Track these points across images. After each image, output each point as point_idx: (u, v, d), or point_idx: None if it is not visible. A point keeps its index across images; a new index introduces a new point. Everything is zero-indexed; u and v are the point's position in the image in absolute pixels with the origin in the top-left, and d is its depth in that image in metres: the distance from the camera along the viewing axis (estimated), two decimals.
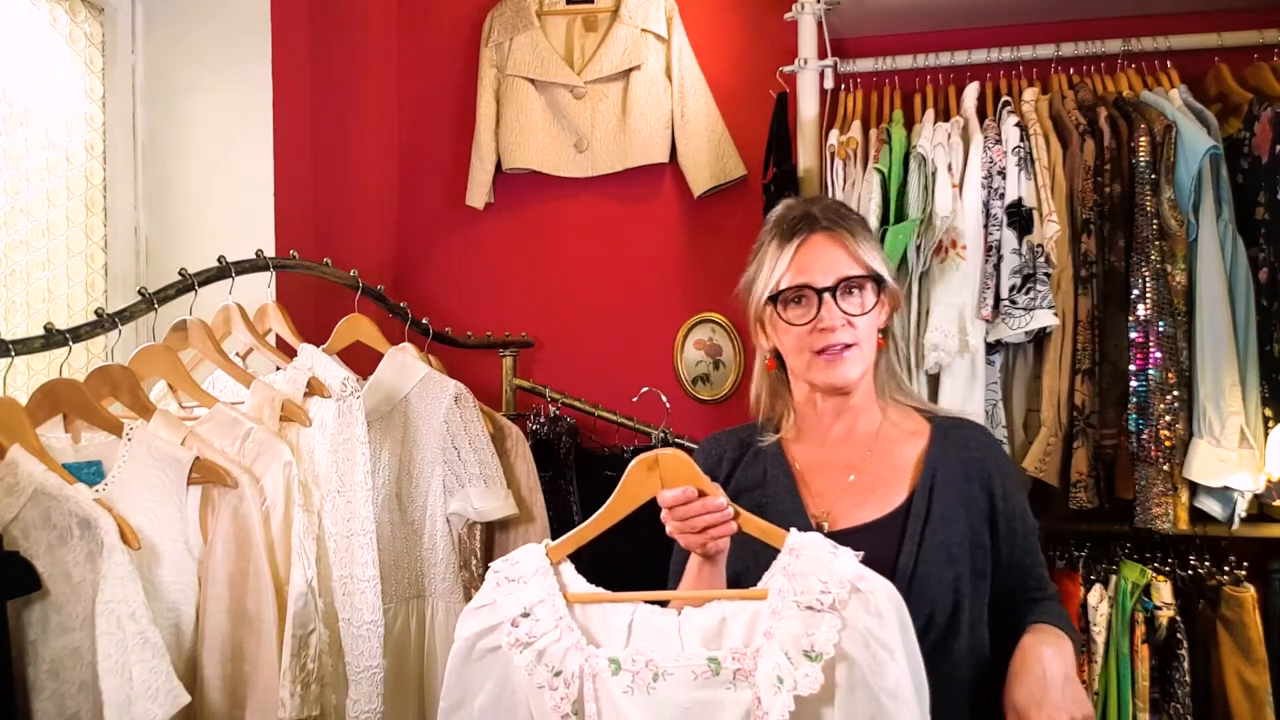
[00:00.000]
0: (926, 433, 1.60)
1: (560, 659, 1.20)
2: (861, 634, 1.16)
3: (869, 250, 1.55)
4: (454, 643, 1.27)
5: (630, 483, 1.32)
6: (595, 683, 1.19)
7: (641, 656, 1.20)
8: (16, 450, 1.54)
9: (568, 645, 1.21)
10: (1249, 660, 2.15)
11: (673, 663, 1.19)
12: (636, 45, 2.83)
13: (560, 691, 1.19)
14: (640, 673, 1.18)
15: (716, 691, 1.17)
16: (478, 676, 1.25)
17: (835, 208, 1.59)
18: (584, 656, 1.20)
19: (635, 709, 1.18)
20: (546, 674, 1.20)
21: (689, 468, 1.32)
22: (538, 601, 1.24)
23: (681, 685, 1.18)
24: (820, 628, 1.16)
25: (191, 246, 2.46)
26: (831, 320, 1.51)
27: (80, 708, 1.48)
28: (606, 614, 1.24)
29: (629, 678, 1.19)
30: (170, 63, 2.54)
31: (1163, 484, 2.14)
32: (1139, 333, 2.13)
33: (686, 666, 1.18)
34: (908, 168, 2.30)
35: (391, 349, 2.21)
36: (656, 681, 1.18)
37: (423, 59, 3.08)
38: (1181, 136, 2.15)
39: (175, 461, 1.67)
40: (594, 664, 1.20)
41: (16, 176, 2.23)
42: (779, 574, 1.22)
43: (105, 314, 1.83)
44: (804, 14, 2.57)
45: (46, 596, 1.50)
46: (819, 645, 1.15)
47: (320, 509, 1.88)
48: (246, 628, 1.71)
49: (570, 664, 1.20)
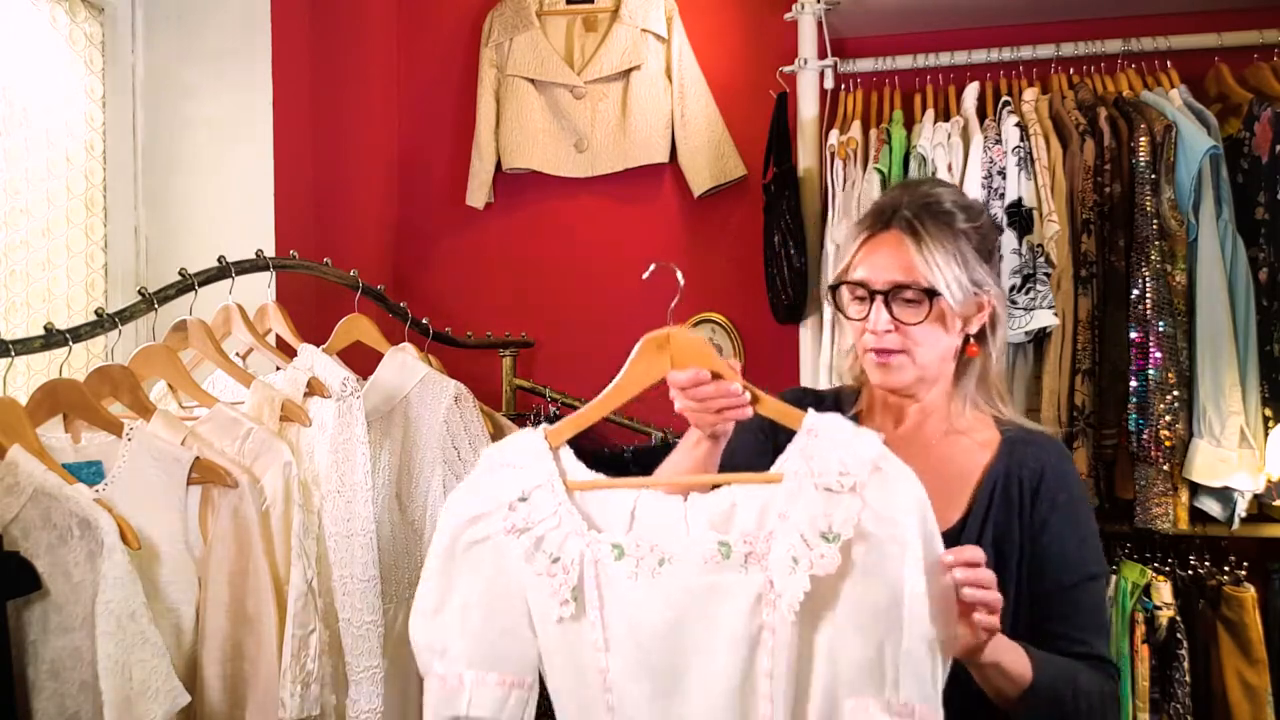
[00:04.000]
0: (994, 445, 1.49)
1: (559, 545, 1.14)
2: (880, 517, 1.10)
3: (940, 257, 1.41)
4: (436, 536, 1.18)
5: (639, 362, 1.23)
6: (597, 568, 1.13)
7: (646, 542, 1.13)
8: (16, 450, 1.54)
9: (568, 531, 1.14)
10: (1249, 660, 2.15)
11: (680, 548, 1.12)
12: (636, 45, 2.83)
13: (559, 579, 1.12)
14: (645, 558, 1.12)
15: (726, 576, 1.11)
16: (463, 572, 1.17)
17: (926, 203, 1.45)
18: (585, 542, 1.14)
19: (640, 594, 1.12)
20: (545, 561, 1.13)
21: (702, 347, 1.23)
22: (535, 486, 1.16)
23: (689, 570, 1.12)
24: (838, 509, 1.09)
25: (191, 246, 2.46)
26: (877, 324, 1.44)
27: (80, 708, 1.48)
28: (608, 500, 1.17)
29: (633, 563, 1.12)
30: (170, 63, 2.54)
31: (1163, 484, 2.14)
32: (1139, 333, 2.13)
33: (695, 551, 1.12)
34: (908, 168, 2.30)
35: (391, 349, 2.21)
36: (662, 566, 1.12)
37: (423, 59, 3.08)
38: (1181, 136, 2.16)
39: (175, 461, 1.67)
40: (596, 550, 1.13)
41: (16, 176, 2.23)
42: (795, 456, 1.14)
43: (105, 314, 1.83)
44: (804, 14, 2.57)
45: (46, 596, 1.49)
46: (837, 526, 1.09)
47: (320, 509, 1.87)
48: (246, 628, 1.71)
49: (570, 550, 1.13)
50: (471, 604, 1.17)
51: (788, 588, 1.08)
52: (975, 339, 1.50)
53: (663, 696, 1.12)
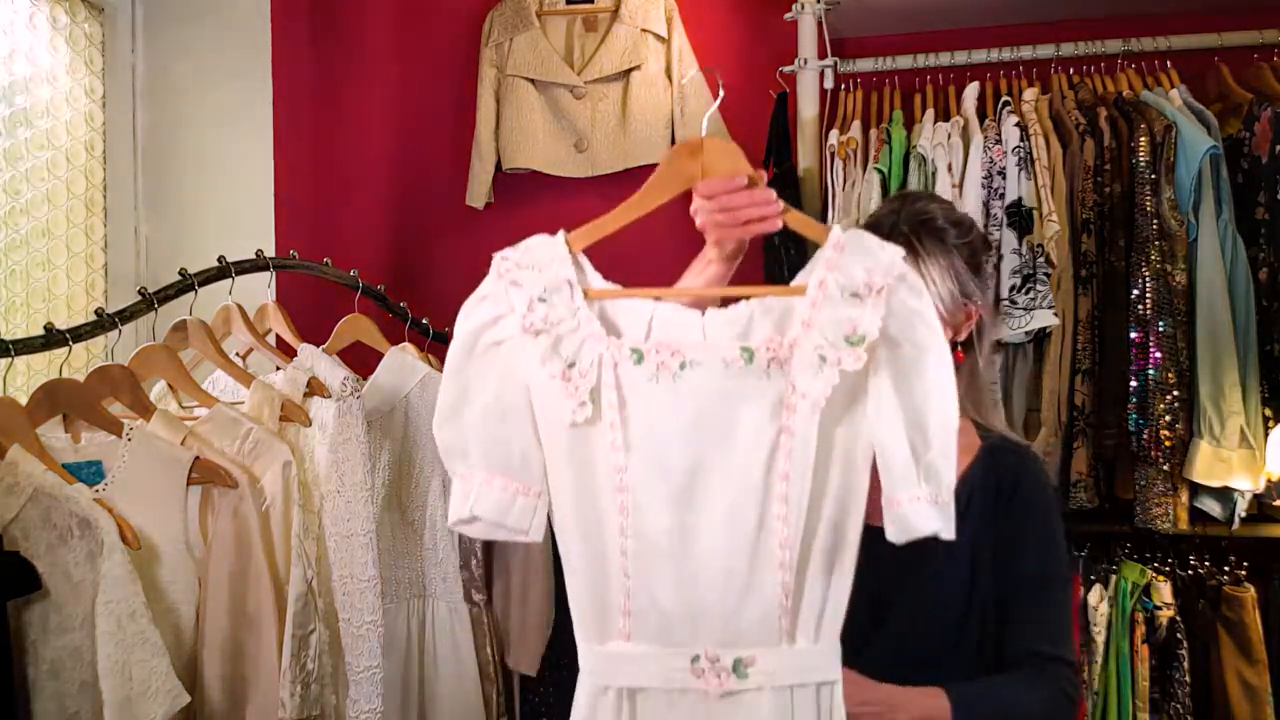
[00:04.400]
0: (974, 450, 1.53)
1: (576, 350, 1.11)
2: (906, 317, 1.10)
3: (936, 272, 1.46)
4: (455, 336, 1.16)
5: (668, 168, 1.21)
6: (616, 372, 1.10)
7: (666, 347, 1.11)
8: (16, 450, 1.54)
9: (585, 335, 1.12)
10: (1249, 660, 2.15)
11: (700, 354, 1.11)
12: (636, 45, 2.82)
13: (575, 381, 1.10)
14: (666, 362, 1.10)
15: (748, 380, 1.10)
16: (479, 375, 1.14)
17: (919, 218, 1.49)
18: (604, 346, 1.11)
19: (660, 396, 1.10)
20: (561, 364, 1.10)
21: (736, 157, 1.20)
22: (554, 289, 1.13)
23: (710, 374, 1.10)
24: (864, 313, 1.09)
25: (191, 246, 2.46)
26: None
27: (80, 708, 1.48)
28: (626, 309, 1.15)
29: (653, 367, 1.10)
30: (170, 62, 2.54)
31: (1163, 484, 2.14)
32: (1139, 333, 2.13)
33: (716, 356, 1.10)
34: (908, 168, 2.30)
35: (392, 349, 2.21)
36: (683, 370, 1.10)
37: (423, 59, 3.08)
38: (1181, 136, 2.16)
39: (175, 462, 1.67)
40: (615, 353, 1.11)
41: (17, 176, 2.23)
42: (820, 267, 1.13)
43: (105, 314, 1.83)
44: (804, 14, 2.56)
45: (47, 596, 1.50)
46: (862, 329, 1.08)
47: (320, 509, 1.88)
48: (246, 628, 1.71)
49: (587, 354, 1.11)
50: (487, 406, 1.13)
51: (812, 388, 1.08)
52: (962, 347, 1.54)
53: (680, 498, 1.10)
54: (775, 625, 1.09)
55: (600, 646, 1.12)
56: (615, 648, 1.11)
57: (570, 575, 1.14)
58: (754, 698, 1.09)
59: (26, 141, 2.26)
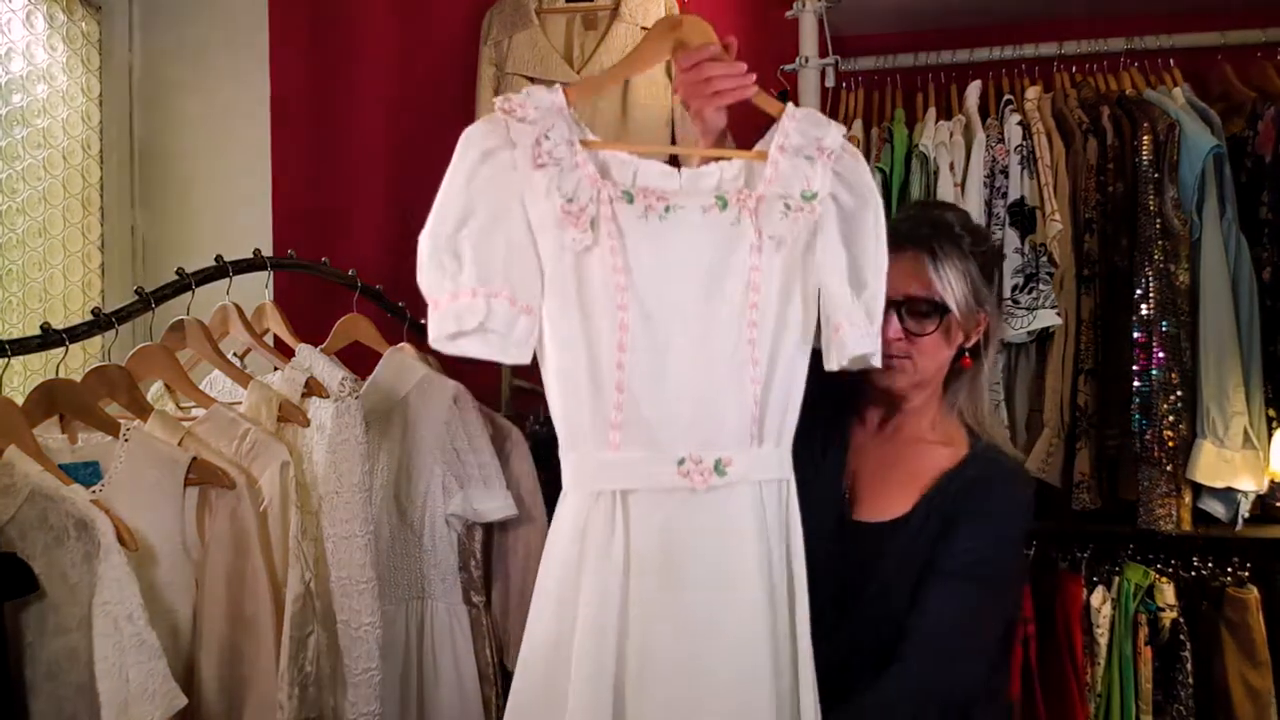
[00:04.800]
0: (960, 454, 1.59)
1: (575, 186, 1.22)
2: (849, 183, 1.32)
3: (950, 276, 1.53)
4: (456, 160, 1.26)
5: (651, 40, 1.37)
6: (612, 207, 1.23)
7: (652, 192, 1.26)
8: (13, 451, 1.53)
9: (583, 174, 1.23)
10: (1253, 662, 2.14)
11: (681, 199, 1.27)
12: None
13: (574, 214, 1.21)
14: (653, 204, 1.24)
15: (723, 226, 1.27)
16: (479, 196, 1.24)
17: (939, 223, 1.58)
18: (599, 185, 1.24)
19: (649, 232, 1.24)
20: (561, 198, 1.21)
21: (709, 33, 1.36)
22: (555, 131, 1.24)
23: (690, 216, 1.26)
24: (816, 172, 1.30)
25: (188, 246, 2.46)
26: (889, 332, 1.52)
27: (77, 710, 1.47)
28: (614, 161, 1.28)
29: (642, 207, 1.24)
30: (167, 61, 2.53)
31: (1166, 485, 2.13)
32: (1142, 333, 2.13)
33: (695, 202, 1.27)
34: (909, 166, 2.29)
35: (390, 349, 2.20)
36: (668, 213, 1.25)
37: (421, 57, 3.07)
38: (1185, 135, 2.15)
39: (172, 462, 1.67)
40: (609, 192, 1.24)
41: (13, 175, 2.22)
42: (778, 135, 1.33)
43: (102, 314, 1.82)
44: (805, 12, 2.56)
45: (43, 598, 1.49)
46: (814, 185, 1.29)
47: (318, 510, 1.87)
48: (244, 630, 1.70)
49: (585, 190, 1.23)
50: (484, 225, 1.22)
51: (776, 231, 1.28)
52: (970, 353, 1.62)
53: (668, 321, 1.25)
54: (747, 432, 1.26)
55: (593, 455, 1.24)
56: (607, 456, 1.23)
57: (563, 394, 1.25)
58: (732, 491, 1.25)
59: (23, 140, 2.25)
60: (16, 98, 2.23)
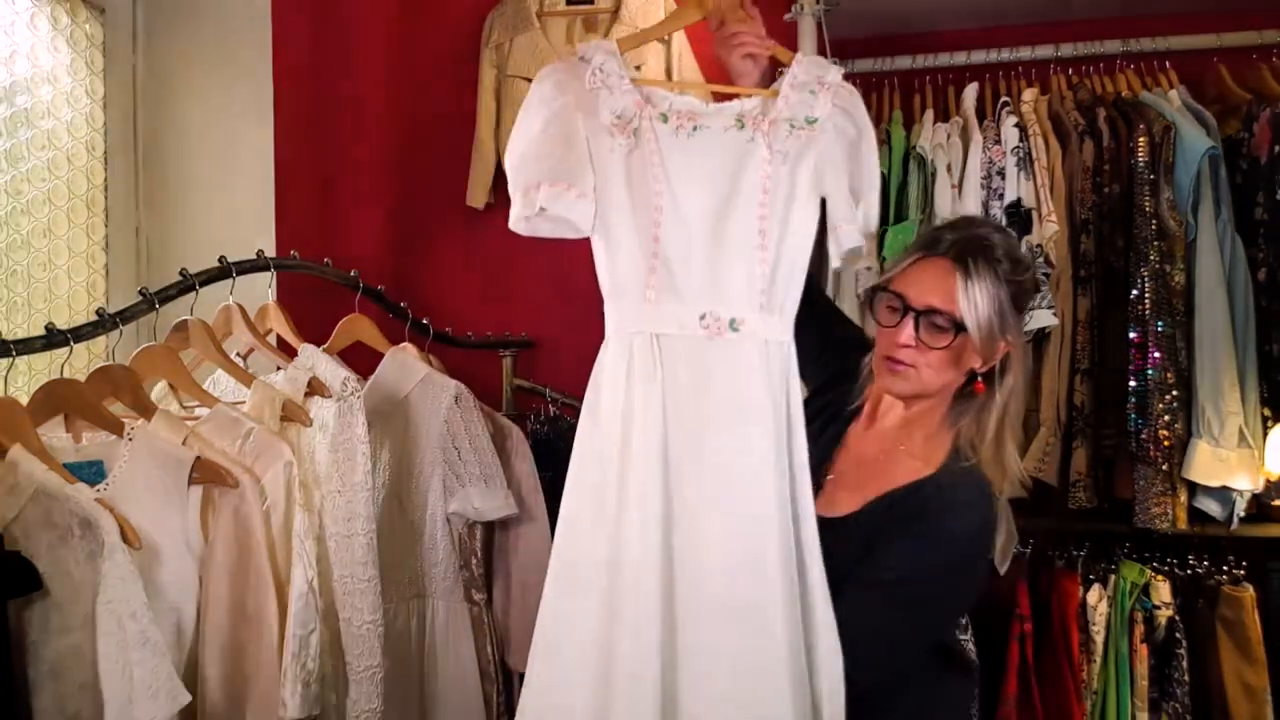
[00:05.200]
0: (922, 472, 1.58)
1: (623, 106, 1.52)
2: (845, 110, 1.56)
3: (978, 297, 1.54)
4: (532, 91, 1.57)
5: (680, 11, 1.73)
6: (651, 123, 1.52)
7: (684, 114, 1.54)
8: (17, 450, 1.54)
9: (630, 99, 1.53)
10: (1248, 660, 2.15)
11: (707, 120, 1.54)
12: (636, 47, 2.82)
13: (623, 125, 1.52)
14: (684, 124, 1.53)
15: (740, 142, 1.52)
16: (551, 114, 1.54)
17: (982, 243, 1.58)
18: (642, 107, 1.53)
19: (681, 143, 1.52)
20: (611, 114, 1.52)
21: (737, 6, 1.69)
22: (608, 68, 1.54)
23: (714, 133, 1.53)
24: (818, 101, 1.55)
25: (192, 246, 2.47)
26: (902, 337, 1.56)
27: (81, 708, 1.48)
28: (655, 93, 1.57)
29: (675, 125, 1.53)
30: (171, 63, 2.55)
31: (1162, 484, 2.14)
32: (1138, 333, 2.14)
33: (717, 121, 1.54)
34: (907, 168, 2.30)
35: (392, 349, 2.21)
36: (696, 131, 1.52)
37: (423, 59, 3.09)
38: (1180, 137, 2.16)
39: (176, 461, 1.68)
40: (650, 112, 1.53)
41: (18, 177, 2.24)
42: (788, 75, 1.58)
43: (106, 314, 1.83)
44: (803, 15, 2.56)
45: (47, 596, 1.50)
46: (815, 111, 1.54)
47: (321, 509, 1.88)
48: (247, 627, 1.71)
49: (631, 109, 1.52)
50: (553, 134, 1.53)
51: (784, 147, 1.52)
52: (983, 378, 1.59)
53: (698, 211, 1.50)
54: (756, 301, 1.48)
55: (634, 305, 1.50)
56: (645, 308, 1.49)
57: (610, 255, 1.52)
58: (742, 342, 1.47)
59: (28, 142, 2.26)
60: (21, 100, 2.25)
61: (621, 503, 1.45)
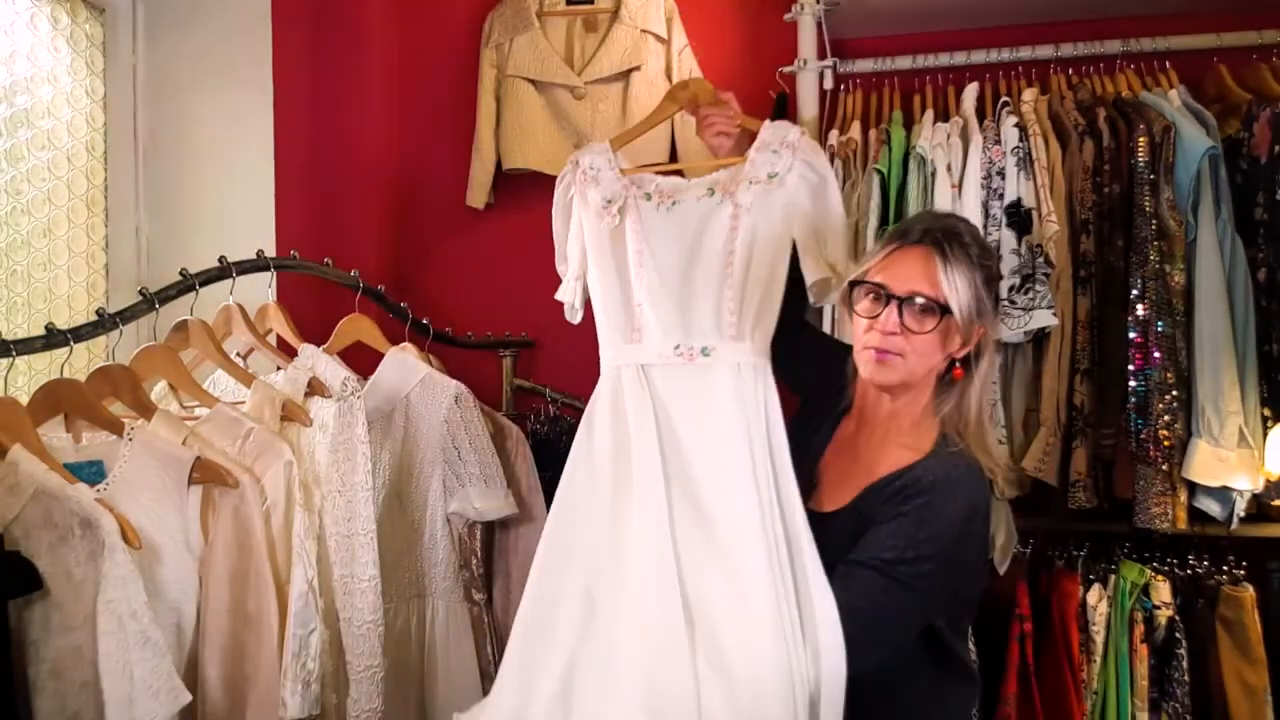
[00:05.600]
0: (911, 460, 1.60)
1: (612, 192, 1.83)
2: (808, 163, 1.76)
3: (957, 280, 1.57)
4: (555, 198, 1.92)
5: (668, 98, 2.01)
6: (636, 204, 1.80)
7: (664, 192, 1.82)
8: (18, 450, 1.55)
9: (618, 186, 1.84)
10: (1248, 660, 2.15)
11: (683, 194, 1.80)
12: (637, 46, 2.83)
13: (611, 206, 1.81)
14: (664, 201, 1.80)
15: (710, 205, 1.76)
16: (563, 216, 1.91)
17: (951, 230, 1.62)
18: (628, 191, 1.82)
19: (660, 216, 1.79)
20: (600, 201, 1.82)
21: (710, 89, 1.96)
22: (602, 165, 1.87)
23: (689, 205, 1.78)
24: (780, 159, 1.76)
25: (192, 246, 2.47)
26: (887, 324, 1.59)
27: (81, 707, 1.49)
28: (642, 178, 1.86)
29: (657, 202, 1.80)
30: (171, 63, 2.55)
31: (1161, 484, 2.14)
32: (1138, 333, 2.13)
33: (692, 194, 1.79)
34: (907, 168, 2.30)
35: (392, 349, 2.21)
36: (674, 206, 1.79)
37: (423, 59, 3.09)
38: (1180, 137, 2.16)
39: (176, 461, 1.68)
40: (635, 194, 1.82)
41: (18, 176, 2.24)
42: (755, 144, 1.80)
43: (106, 314, 1.83)
44: (804, 15, 2.57)
45: (48, 596, 1.50)
46: (778, 167, 1.76)
47: (321, 509, 1.88)
48: (247, 627, 1.72)
49: (619, 194, 1.82)
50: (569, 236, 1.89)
51: (744, 200, 1.73)
52: (961, 363, 1.64)
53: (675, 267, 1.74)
54: (727, 333, 1.68)
55: (622, 346, 1.73)
56: (631, 347, 1.72)
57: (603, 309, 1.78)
58: (714, 364, 1.66)
59: (28, 142, 2.26)
60: (21, 100, 2.25)
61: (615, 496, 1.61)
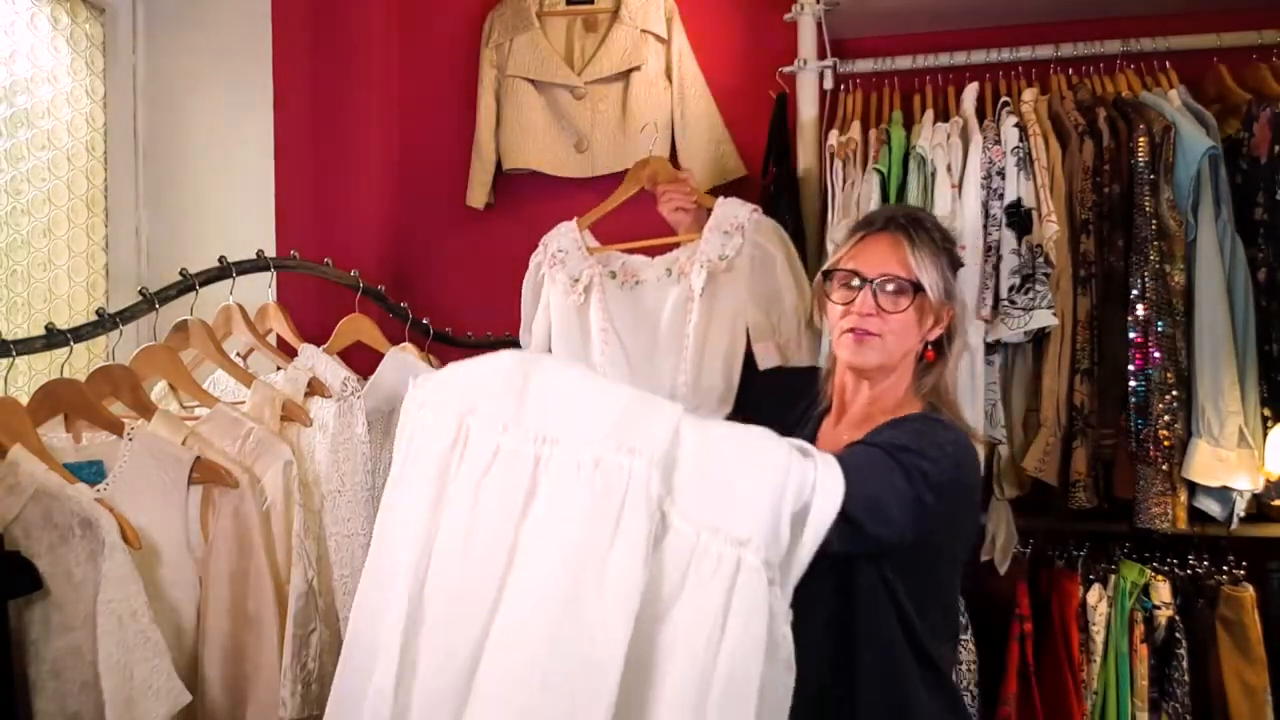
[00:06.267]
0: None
1: (579, 272, 2.03)
2: (758, 244, 1.98)
3: (925, 261, 1.65)
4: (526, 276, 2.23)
5: (632, 174, 2.24)
6: (601, 282, 2.01)
7: (629, 271, 2.04)
8: (18, 450, 1.55)
9: (584, 266, 2.04)
10: (1248, 660, 2.15)
11: (645, 273, 2.03)
12: (636, 46, 2.83)
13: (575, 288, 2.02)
14: (627, 280, 2.02)
15: (669, 286, 1.99)
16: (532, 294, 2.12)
17: (914, 216, 1.71)
18: (594, 271, 2.02)
19: (623, 297, 2.00)
20: (568, 281, 2.02)
21: (669, 167, 2.24)
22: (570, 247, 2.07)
23: (650, 285, 2.02)
24: (730, 242, 1.98)
25: (192, 246, 2.47)
26: (863, 306, 1.64)
27: (81, 707, 1.49)
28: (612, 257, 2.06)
29: (620, 281, 2.02)
30: (171, 63, 2.55)
31: (1161, 484, 2.14)
32: (1138, 333, 2.13)
33: (653, 274, 2.03)
34: (907, 168, 2.30)
35: (392, 349, 2.21)
36: (636, 285, 2.02)
37: (423, 59, 3.09)
38: (1180, 137, 2.16)
39: (176, 461, 1.68)
40: (600, 273, 2.03)
41: (18, 176, 2.24)
42: (709, 223, 2.03)
43: (106, 314, 1.83)
44: (803, 15, 2.57)
45: (48, 596, 1.50)
46: (728, 250, 2.00)
47: (321, 509, 1.88)
48: (247, 627, 1.72)
49: (586, 273, 2.02)
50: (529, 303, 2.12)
51: (696, 285, 1.98)
52: (933, 346, 1.70)
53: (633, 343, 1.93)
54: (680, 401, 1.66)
55: None
56: None
57: None
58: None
59: (28, 142, 2.26)
60: (21, 100, 2.25)
61: None
